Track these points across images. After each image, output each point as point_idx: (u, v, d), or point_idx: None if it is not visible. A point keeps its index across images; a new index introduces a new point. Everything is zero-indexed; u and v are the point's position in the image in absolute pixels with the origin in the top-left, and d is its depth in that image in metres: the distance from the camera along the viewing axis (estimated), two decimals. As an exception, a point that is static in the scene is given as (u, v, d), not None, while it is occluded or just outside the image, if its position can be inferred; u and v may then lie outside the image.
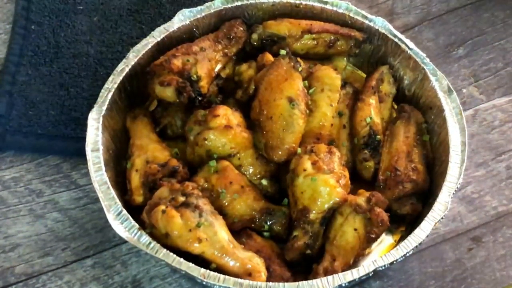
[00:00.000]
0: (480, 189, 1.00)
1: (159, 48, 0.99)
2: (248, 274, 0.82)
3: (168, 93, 0.93)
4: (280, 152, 0.89)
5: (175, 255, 0.80)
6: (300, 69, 0.94)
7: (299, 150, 0.89)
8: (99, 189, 0.85)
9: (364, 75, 1.06)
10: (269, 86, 0.92)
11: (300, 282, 0.79)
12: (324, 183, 0.86)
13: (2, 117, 1.03)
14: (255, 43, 1.03)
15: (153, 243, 0.81)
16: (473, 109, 1.08)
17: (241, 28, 1.02)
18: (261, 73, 0.95)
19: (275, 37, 1.02)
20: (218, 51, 0.99)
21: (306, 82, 0.95)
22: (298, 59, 0.95)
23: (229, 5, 1.03)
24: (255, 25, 1.03)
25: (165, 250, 0.81)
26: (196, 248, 0.82)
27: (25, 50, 1.11)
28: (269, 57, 0.98)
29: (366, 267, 0.80)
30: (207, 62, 0.96)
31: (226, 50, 1.00)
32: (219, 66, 0.99)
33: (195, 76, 0.94)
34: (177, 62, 0.94)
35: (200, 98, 0.94)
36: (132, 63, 0.96)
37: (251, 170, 0.91)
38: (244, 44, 1.03)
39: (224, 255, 0.82)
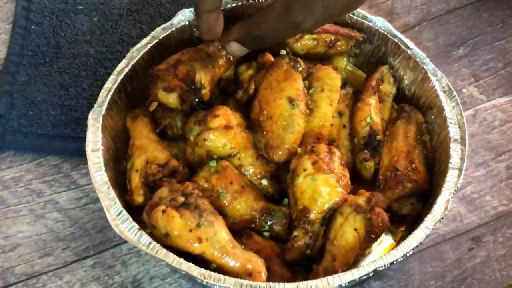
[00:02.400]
0: (480, 189, 1.00)
1: (159, 48, 0.99)
2: (248, 274, 0.82)
3: (171, 99, 0.93)
4: (280, 152, 0.89)
5: (175, 255, 0.80)
6: (300, 69, 0.94)
7: (299, 150, 0.89)
8: (99, 189, 0.85)
9: (364, 75, 1.06)
10: (269, 86, 0.92)
11: (300, 282, 0.79)
12: (324, 183, 0.86)
13: (2, 117, 1.03)
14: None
15: (153, 243, 0.81)
16: (473, 109, 1.09)
17: None
18: (261, 73, 0.95)
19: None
20: (222, 57, 0.97)
21: (306, 82, 0.95)
22: (298, 59, 0.95)
23: (229, 5, 1.03)
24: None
25: (165, 250, 0.81)
26: (196, 248, 0.82)
27: (25, 50, 1.11)
28: (269, 57, 0.98)
29: (366, 267, 0.80)
30: (211, 69, 0.95)
31: (229, 56, 0.99)
32: (221, 71, 0.98)
33: (199, 84, 0.93)
34: (183, 69, 0.94)
35: (201, 106, 0.94)
36: (132, 63, 0.96)
37: (251, 170, 0.91)
38: None
39: (224, 255, 0.82)
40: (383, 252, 0.88)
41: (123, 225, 0.83)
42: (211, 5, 0.86)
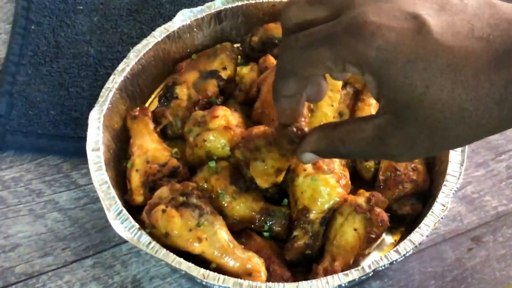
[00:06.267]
0: (480, 189, 1.00)
1: (159, 48, 0.99)
2: (248, 274, 0.82)
3: None
4: None
5: (175, 255, 0.80)
6: None
7: (299, 150, 0.89)
8: (99, 189, 0.85)
9: (365, 76, 1.06)
10: (271, 88, 0.92)
11: (300, 282, 0.79)
12: (324, 183, 0.85)
13: (2, 117, 1.03)
14: (256, 46, 1.03)
15: (153, 243, 0.81)
16: (473, 109, 1.08)
17: None
18: (264, 75, 0.95)
19: (276, 40, 1.02)
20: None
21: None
22: None
23: (229, 5, 1.03)
24: (256, 28, 1.03)
25: (165, 250, 0.81)
26: (196, 248, 0.82)
27: (25, 50, 1.11)
28: (271, 59, 0.98)
29: (366, 267, 0.80)
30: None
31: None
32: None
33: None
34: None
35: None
36: (133, 63, 0.97)
37: (251, 171, 0.91)
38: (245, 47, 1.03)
39: (224, 255, 0.82)
40: (383, 252, 0.88)
41: (123, 224, 0.83)
42: (292, 91, 0.70)
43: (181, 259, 0.80)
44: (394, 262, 0.81)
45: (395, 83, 0.60)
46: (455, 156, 0.90)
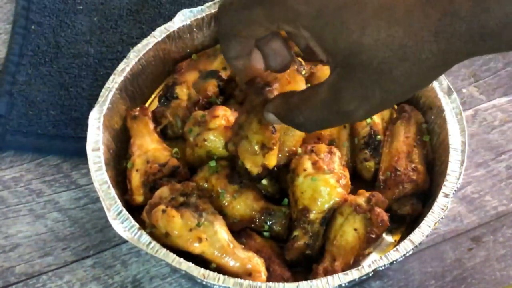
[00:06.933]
0: (480, 189, 1.00)
1: (159, 48, 0.99)
2: (248, 274, 0.82)
3: None
4: (280, 155, 0.89)
5: (175, 255, 0.80)
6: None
7: (299, 150, 0.89)
8: (99, 189, 0.85)
9: (364, 75, 1.06)
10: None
11: (300, 282, 0.79)
12: (324, 183, 0.86)
13: (2, 117, 1.03)
14: (255, 45, 1.02)
15: (153, 243, 0.81)
16: (473, 109, 1.08)
17: None
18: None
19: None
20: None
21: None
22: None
23: (229, 6, 1.03)
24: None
25: (165, 250, 0.81)
26: (196, 248, 0.82)
27: (25, 50, 1.11)
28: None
29: (366, 267, 0.80)
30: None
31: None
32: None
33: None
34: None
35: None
36: (133, 63, 0.97)
37: (251, 170, 0.91)
38: None
39: (224, 255, 0.82)
40: (383, 252, 0.88)
41: (123, 224, 0.83)
42: (237, 52, 0.71)
43: (181, 259, 0.80)
44: (394, 262, 0.81)
45: (332, 31, 0.61)
46: (455, 156, 0.90)
